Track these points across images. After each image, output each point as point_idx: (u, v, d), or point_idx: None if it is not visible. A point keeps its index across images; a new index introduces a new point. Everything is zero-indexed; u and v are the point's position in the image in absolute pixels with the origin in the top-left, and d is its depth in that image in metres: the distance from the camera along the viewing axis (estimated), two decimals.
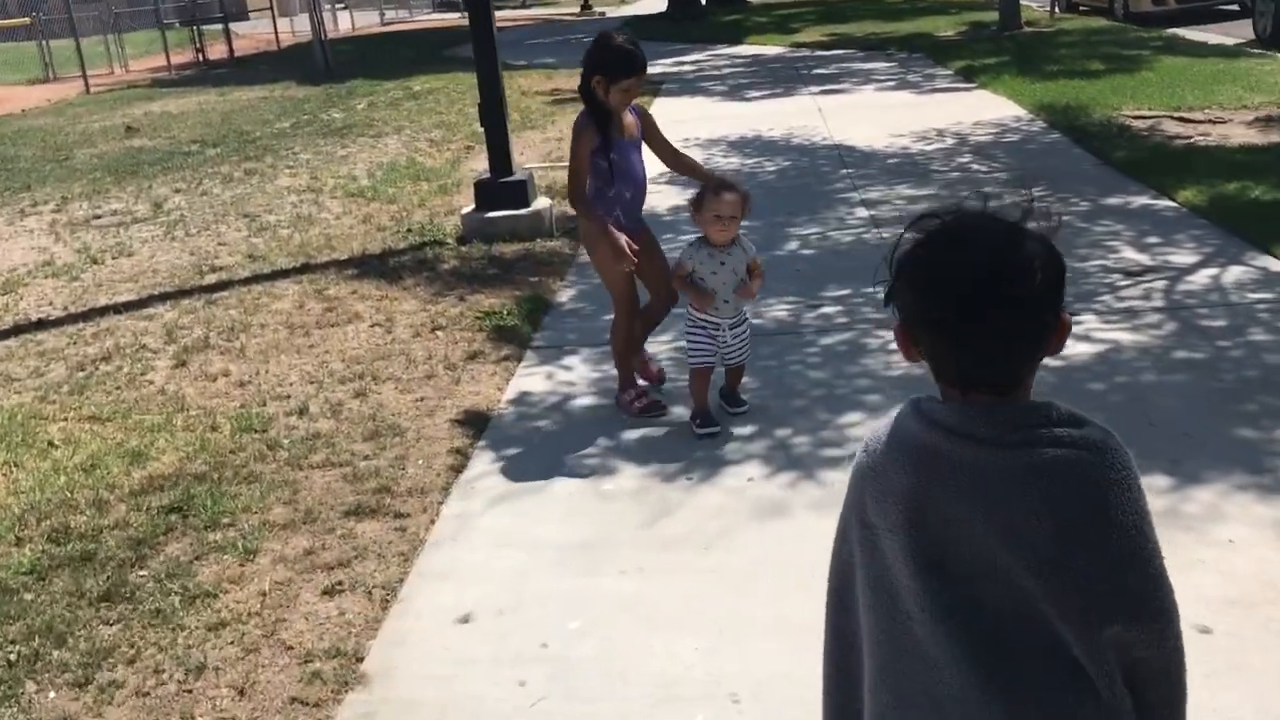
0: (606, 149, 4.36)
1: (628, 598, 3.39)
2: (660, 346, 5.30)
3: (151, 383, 5.40)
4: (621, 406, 4.73)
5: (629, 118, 4.48)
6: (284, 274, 7.16)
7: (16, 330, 6.34)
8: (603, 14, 34.31)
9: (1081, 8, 21.34)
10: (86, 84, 21.32)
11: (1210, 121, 9.78)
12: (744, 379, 4.71)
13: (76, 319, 6.45)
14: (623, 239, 4.36)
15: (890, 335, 5.47)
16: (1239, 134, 9.20)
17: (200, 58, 24.68)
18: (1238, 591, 3.14)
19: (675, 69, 17.20)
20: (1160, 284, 5.72)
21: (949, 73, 14.24)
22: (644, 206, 4.69)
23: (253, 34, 28.95)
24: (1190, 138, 9.15)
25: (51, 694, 3.11)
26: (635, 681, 3.03)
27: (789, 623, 3.20)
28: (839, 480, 3.96)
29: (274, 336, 5.96)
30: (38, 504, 4.15)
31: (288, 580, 3.59)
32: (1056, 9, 20.47)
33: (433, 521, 3.94)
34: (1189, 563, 3.28)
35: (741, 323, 4.39)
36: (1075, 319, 5.29)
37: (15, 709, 3.06)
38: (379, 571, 3.62)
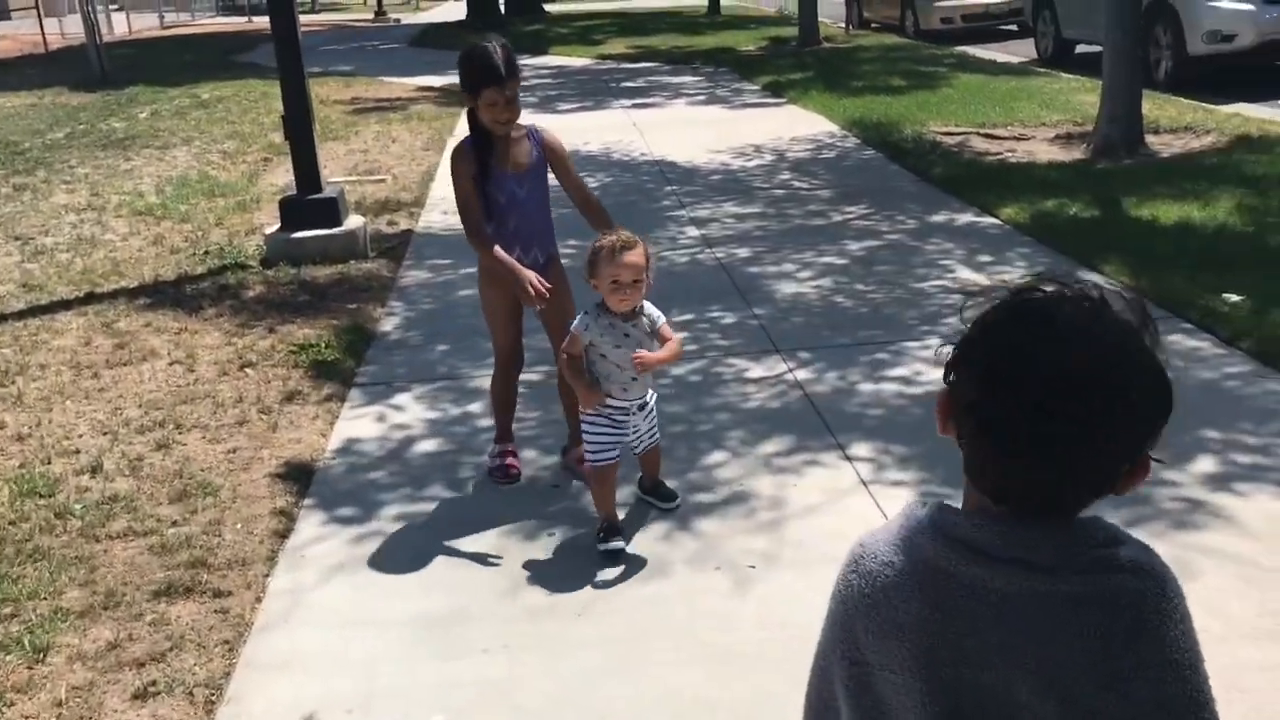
0: (483, 179, 3.74)
1: (496, 683, 3.00)
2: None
3: None
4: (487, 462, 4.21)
5: (522, 146, 3.80)
6: (65, 305, 6.38)
7: None
8: (398, 20, 33.42)
9: (874, 24, 22.02)
10: None
11: (1015, 138, 10.06)
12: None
13: None
14: (529, 275, 3.71)
15: (743, 364, 5.36)
16: (1044, 151, 9.47)
17: None
18: None
19: None
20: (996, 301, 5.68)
21: (756, 88, 14.32)
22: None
23: (16, 34, 26.79)
24: (1000, 154, 9.37)
25: None
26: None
27: (683, 699, 2.89)
28: (714, 530, 3.69)
29: (57, 380, 5.26)
30: None
31: (89, 683, 3.03)
32: (851, 25, 21.04)
33: (259, 599, 3.44)
34: None
35: (648, 404, 3.65)
36: (925, 343, 5.22)
37: None
38: (200, 666, 3.10)
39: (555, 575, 3.50)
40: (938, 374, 4.07)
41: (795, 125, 11.30)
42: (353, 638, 3.23)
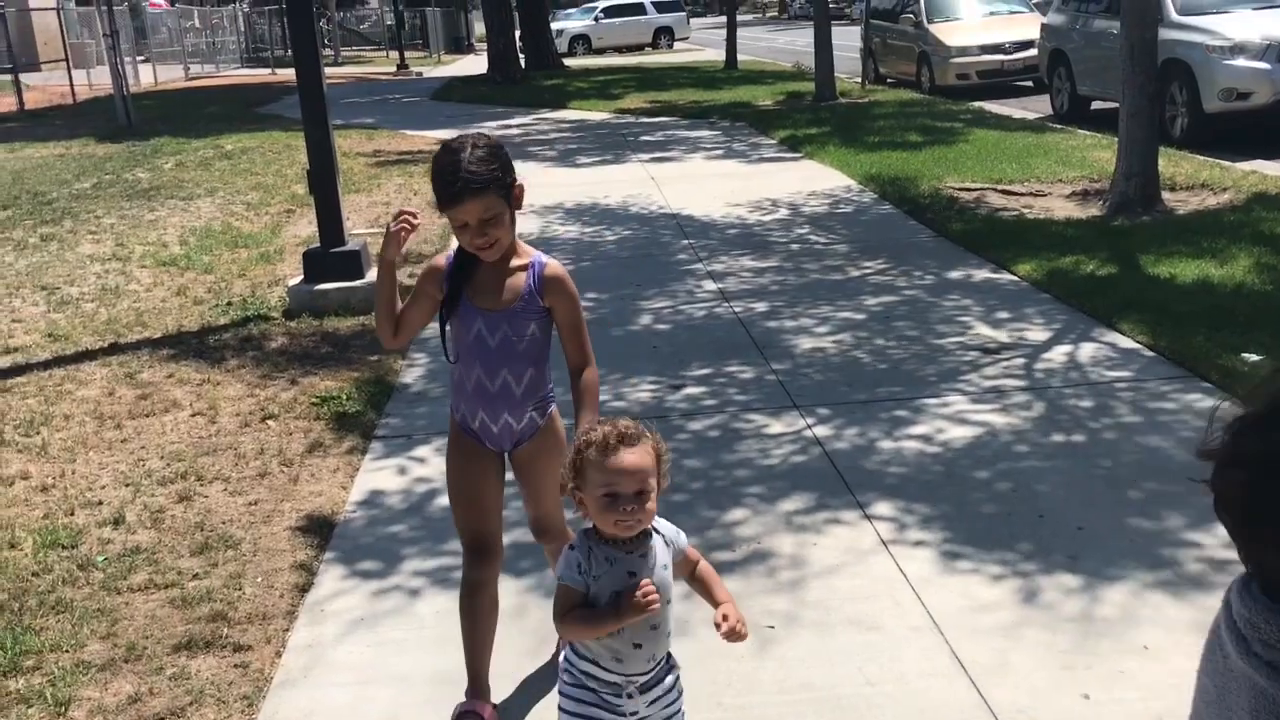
0: (450, 307, 2.90)
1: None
2: None
3: None
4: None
5: (515, 279, 2.87)
6: (90, 355, 6.46)
7: None
8: (419, 74, 33.86)
9: (889, 80, 22.19)
10: None
11: (1032, 194, 10.11)
12: None
13: None
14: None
15: (762, 419, 5.36)
16: (1060, 207, 9.52)
17: None
18: (1165, 707, 2.98)
19: (501, 132, 16.92)
20: (1019, 361, 5.70)
21: (773, 142, 14.44)
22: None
23: (45, 85, 27.25)
24: (1016, 210, 9.41)
25: None
26: None
27: None
28: (734, 589, 3.66)
29: (80, 430, 5.31)
30: None
31: None
32: (866, 81, 21.23)
33: (279, 654, 3.44)
34: (1112, 676, 3.12)
35: (661, 679, 2.41)
36: (944, 399, 5.22)
37: None
38: None
39: None
40: (955, 433, 4.11)
41: (812, 180, 11.38)
42: (373, 695, 3.24)
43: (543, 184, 11.91)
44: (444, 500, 4.45)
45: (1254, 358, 5.36)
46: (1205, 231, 8.02)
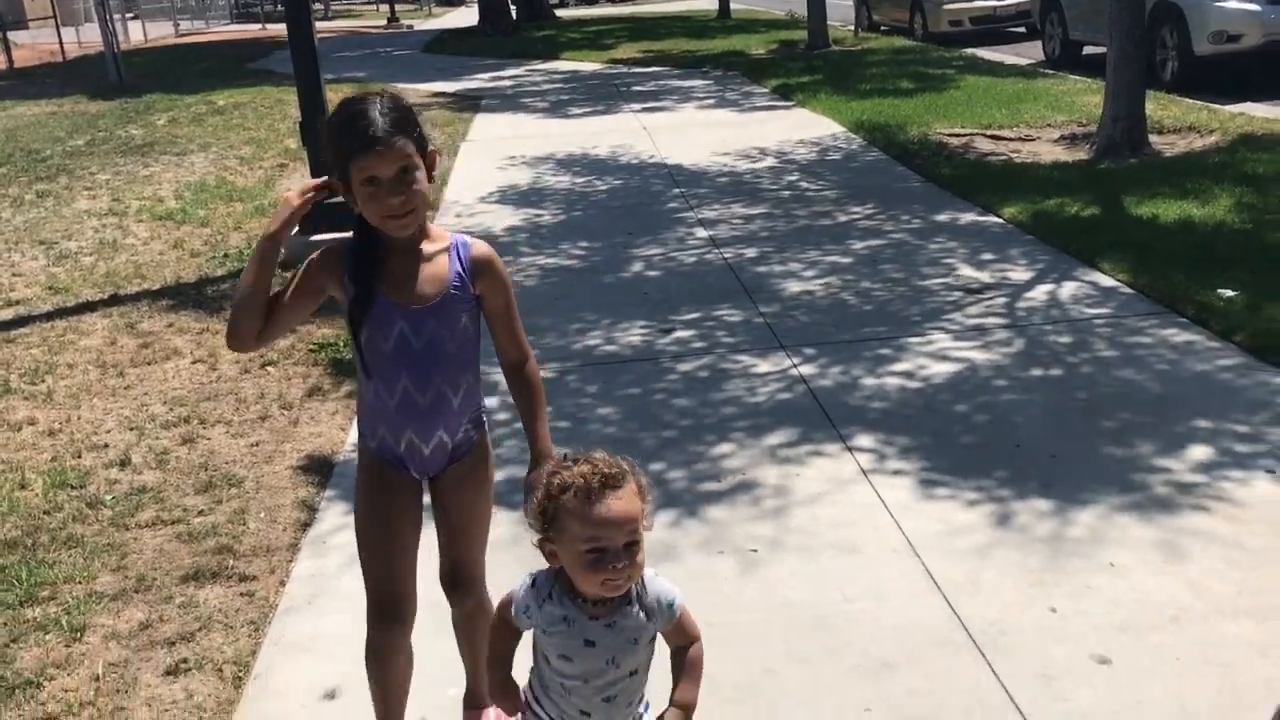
0: (361, 308, 2.37)
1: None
2: None
3: None
4: None
5: (435, 265, 2.40)
6: (90, 307, 6.57)
7: None
8: (410, 27, 33.66)
9: (883, 27, 22.12)
10: None
11: (1020, 139, 10.18)
12: (609, 413, 4.50)
13: None
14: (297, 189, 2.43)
15: (749, 360, 5.48)
16: (1048, 151, 9.59)
17: None
18: (1128, 618, 3.13)
19: (493, 84, 16.94)
20: (1001, 300, 5.82)
21: (766, 91, 14.45)
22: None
23: (34, 44, 27.08)
24: (1004, 155, 9.48)
25: None
26: None
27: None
28: (721, 517, 3.83)
29: (84, 378, 5.43)
30: None
31: (123, 661, 3.19)
32: (860, 28, 21.16)
33: (283, 584, 3.59)
34: (1078, 591, 3.27)
35: None
36: (927, 338, 5.35)
37: None
38: (228, 645, 3.26)
39: None
40: (936, 369, 4.27)
41: (802, 128, 11.44)
42: None
43: (534, 135, 11.97)
44: None
45: (1229, 293, 5.48)
46: (1189, 173, 8.11)
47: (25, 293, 6.96)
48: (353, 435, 4.70)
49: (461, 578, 2.64)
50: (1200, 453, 4.03)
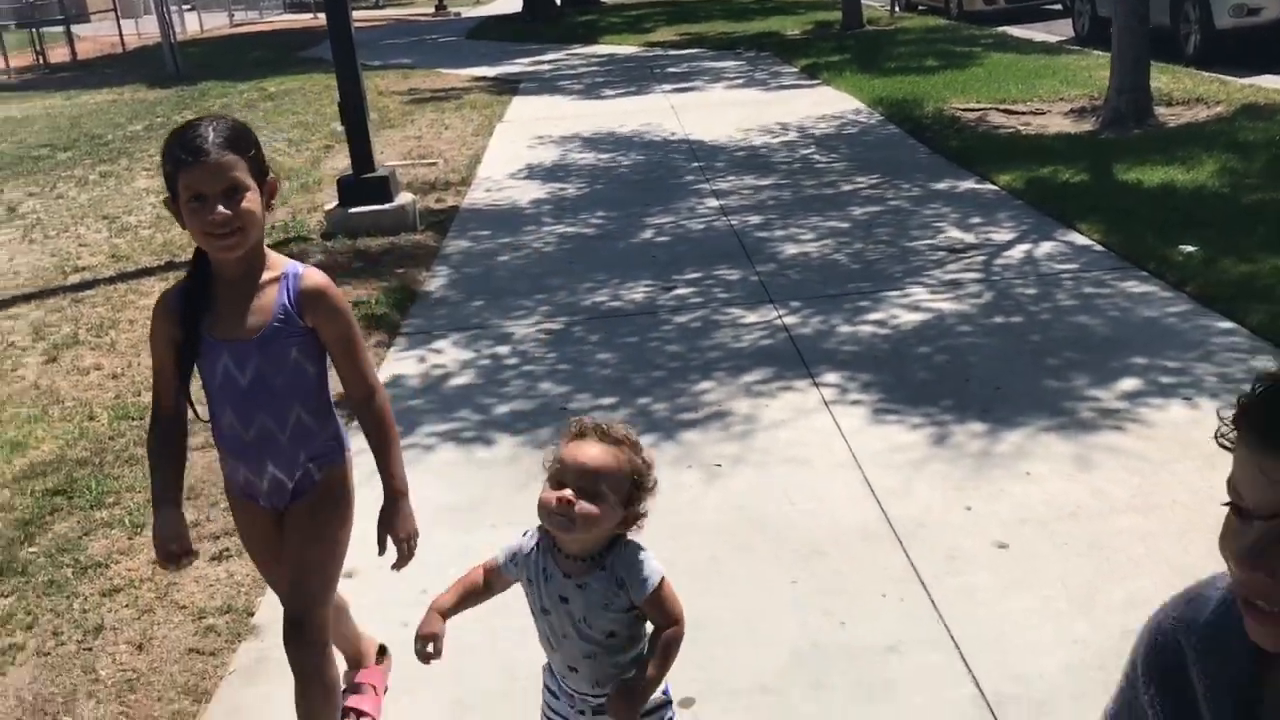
0: (190, 347, 2.33)
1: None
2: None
3: (23, 378, 5.48)
4: None
5: (264, 297, 2.33)
6: (149, 272, 7.22)
7: None
8: (458, 14, 34.30)
9: (920, 7, 22.38)
10: None
11: (1031, 113, 10.54)
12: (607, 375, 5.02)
13: None
14: (164, 533, 2.39)
15: (739, 312, 5.98)
16: (1056, 124, 9.95)
17: (41, 60, 23.90)
18: (1031, 514, 3.61)
19: (533, 68, 17.49)
20: (980, 259, 6.27)
21: (794, 70, 14.87)
22: None
23: (95, 36, 28.13)
24: (1013, 128, 9.86)
25: None
26: (514, 613, 3.33)
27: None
28: (693, 439, 4.34)
29: (143, 332, 6.06)
30: None
31: None
32: (896, 8, 21.43)
33: None
34: (994, 494, 3.75)
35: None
36: (905, 292, 5.81)
37: None
38: None
39: None
40: (907, 318, 4.77)
41: (824, 104, 11.86)
42: None
43: (567, 116, 12.50)
44: (456, 381, 5.18)
45: (1189, 249, 5.88)
46: (1185, 142, 8.46)
47: (91, 260, 7.63)
48: (380, 378, 5.25)
49: (294, 626, 2.44)
50: (1129, 384, 4.48)
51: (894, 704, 2.81)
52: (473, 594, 2.21)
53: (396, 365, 5.42)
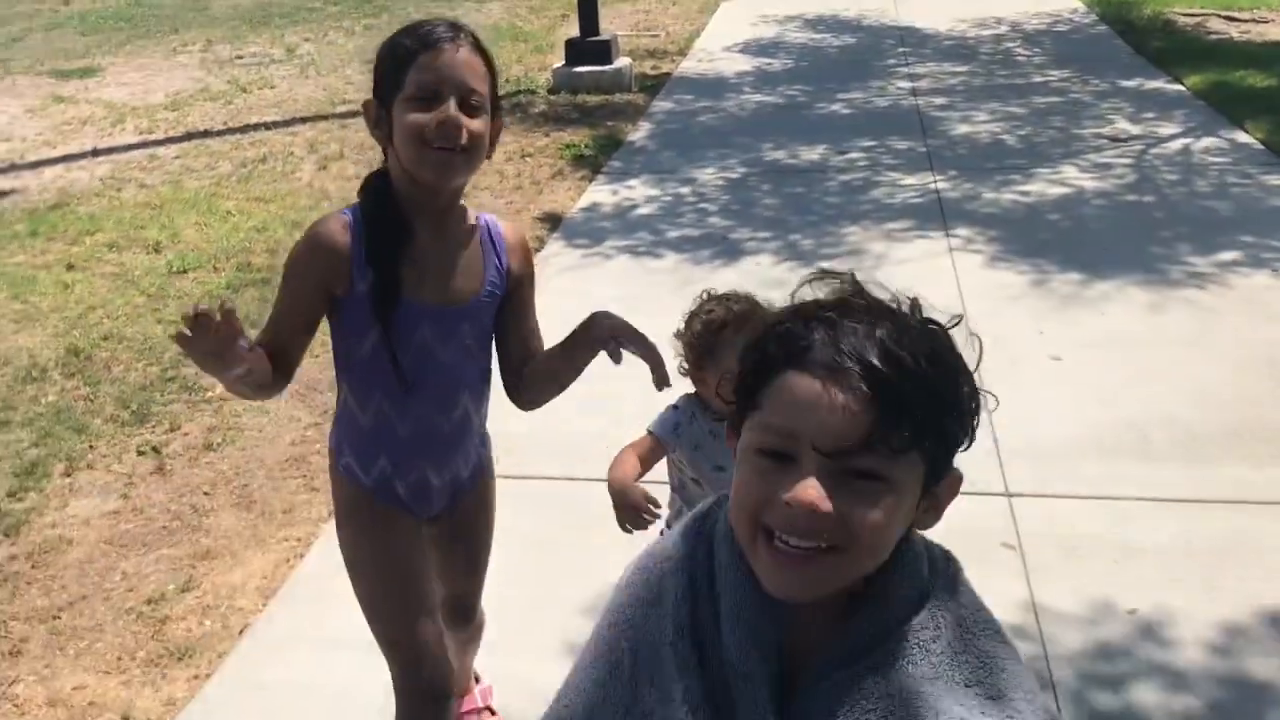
0: (378, 309, 1.83)
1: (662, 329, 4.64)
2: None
3: (300, 179, 6.74)
4: None
5: (470, 252, 1.91)
6: None
7: (188, 136, 7.73)
8: None
9: None
10: None
11: (1254, 21, 10.46)
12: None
13: (234, 131, 7.82)
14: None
15: (899, 175, 6.67)
16: (1274, 33, 9.90)
17: None
18: (1093, 340, 4.28)
19: None
20: (1138, 148, 6.70)
21: None
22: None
23: None
24: (1228, 34, 9.88)
25: None
26: None
27: None
28: (827, 267, 5.14)
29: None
30: (224, 248, 5.53)
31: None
32: None
33: None
34: (1067, 323, 4.44)
35: None
36: (1056, 169, 6.34)
37: None
38: None
39: (715, 280, 5.08)
40: (1055, 190, 5.54)
41: (1046, 2, 11.98)
42: (574, 305, 4.94)
43: None
44: (640, 210, 6.12)
45: None
46: None
47: (354, 96, 8.90)
48: (580, 203, 6.27)
49: (471, 610, 2.28)
50: (1227, 256, 5.00)
51: None
52: (643, 465, 2.22)
53: (594, 195, 6.39)
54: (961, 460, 3.15)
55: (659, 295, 4.95)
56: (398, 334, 1.84)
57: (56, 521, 3.48)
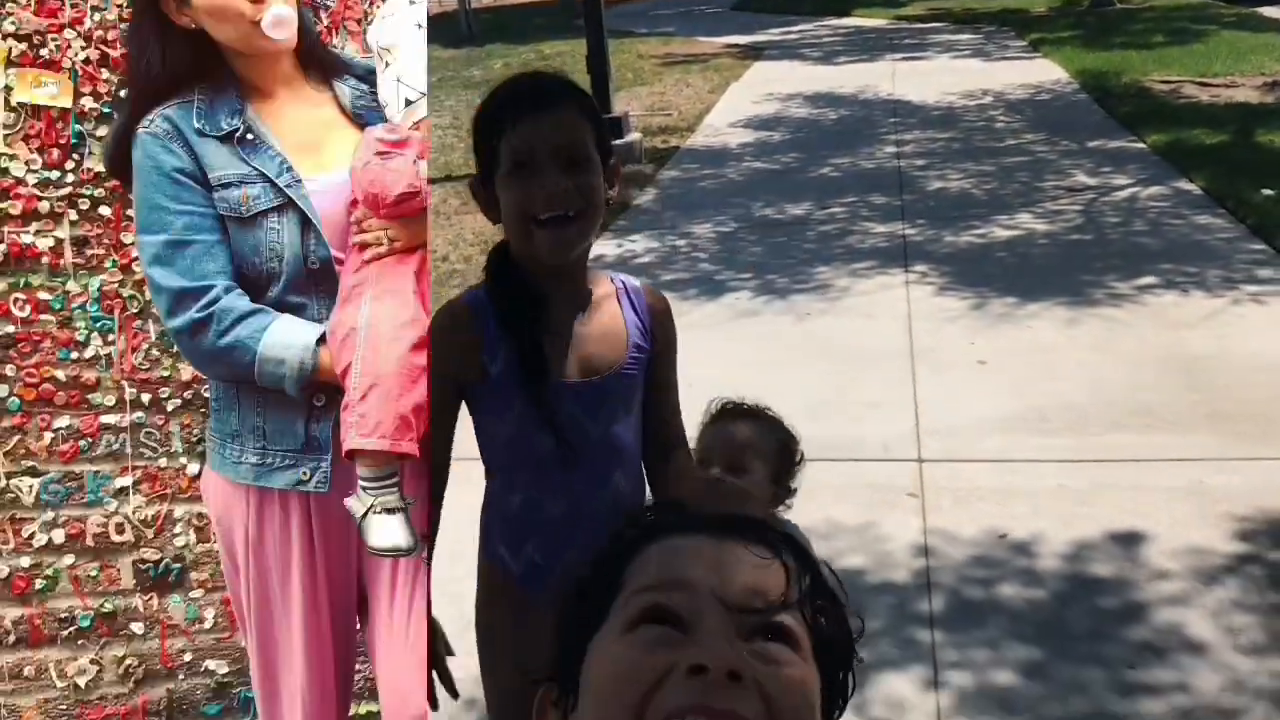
0: (536, 376, 1.71)
1: None
2: None
3: None
4: None
5: (604, 314, 1.79)
6: None
7: None
8: None
9: None
10: None
11: (1225, 85, 11.20)
12: None
13: None
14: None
15: (873, 224, 7.36)
16: (1243, 95, 10.63)
17: None
18: (1015, 347, 4.97)
19: (780, 38, 18.94)
20: (1090, 196, 7.43)
21: (1022, 44, 15.69)
22: None
23: None
24: (1198, 98, 10.62)
25: None
26: None
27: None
28: (798, 297, 5.88)
29: None
30: None
31: None
32: None
33: None
34: (995, 335, 5.13)
35: None
36: (1012, 215, 7.07)
37: None
38: None
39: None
40: (1005, 232, 6.10)
41: (1031, 75, 12.80)
42: None
43: (795, 78, 13.94)
44: (639, 259, 6.89)
45: (1269, 192, 6.86)
46: None
47: None
48: None
49: None
50: (1146, 280, 5.69)
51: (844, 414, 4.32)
52: None
53: (599, 249, 7.17)
54: (882, 435, 3.88)
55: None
56: (555, 411, 1.71)
57: None
